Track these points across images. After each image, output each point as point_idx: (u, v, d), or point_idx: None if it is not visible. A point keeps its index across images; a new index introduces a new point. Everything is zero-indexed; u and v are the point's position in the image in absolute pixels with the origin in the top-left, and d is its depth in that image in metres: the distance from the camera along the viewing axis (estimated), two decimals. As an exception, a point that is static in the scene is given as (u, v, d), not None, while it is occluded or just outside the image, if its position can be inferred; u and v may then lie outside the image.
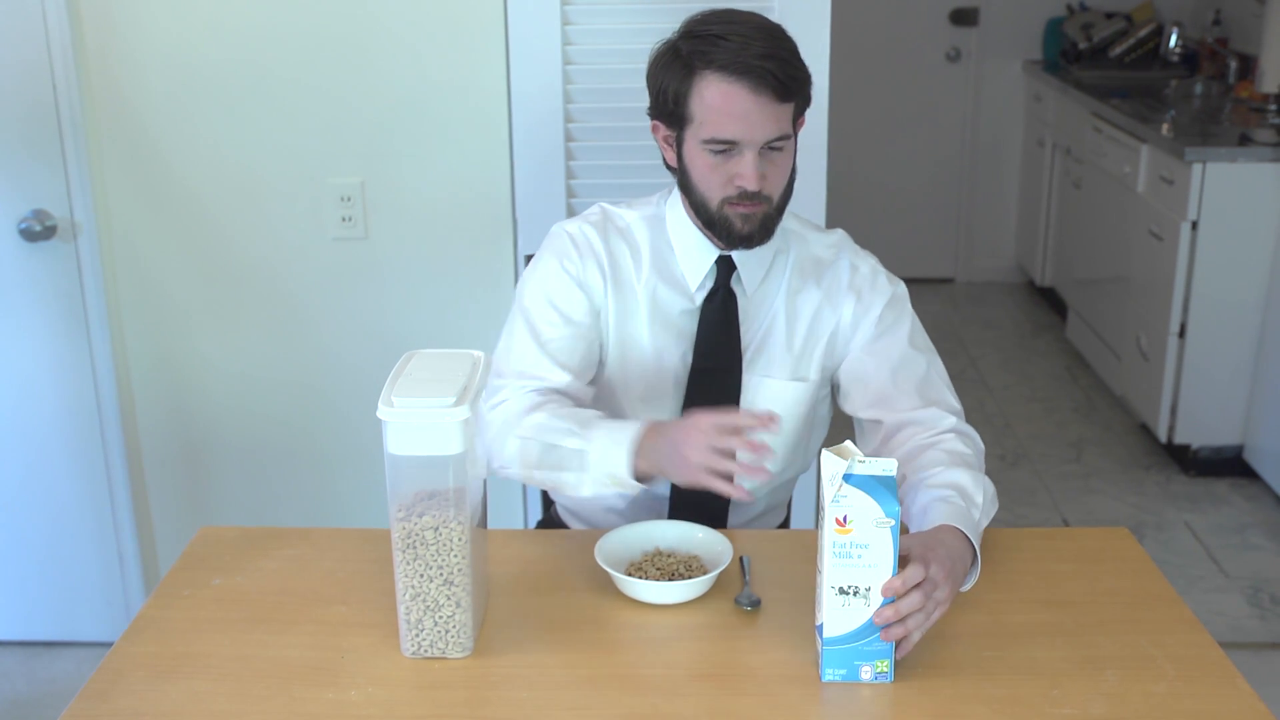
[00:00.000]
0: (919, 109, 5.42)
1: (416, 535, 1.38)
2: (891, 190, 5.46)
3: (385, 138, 2.54)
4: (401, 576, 1.40)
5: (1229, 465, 3.72)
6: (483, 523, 1.50)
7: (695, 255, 1.75)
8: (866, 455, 1.35)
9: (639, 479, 1.58)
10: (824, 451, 1.37)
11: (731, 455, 1.47)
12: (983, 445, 1.73)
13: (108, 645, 1.50)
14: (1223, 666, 1.41)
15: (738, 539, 1.62)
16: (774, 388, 1.77)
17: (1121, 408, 4.21)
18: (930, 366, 1.76)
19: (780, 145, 1.64)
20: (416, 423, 1.35)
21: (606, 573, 1.54)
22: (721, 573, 1.55)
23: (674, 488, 1.78)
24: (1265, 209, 3.50)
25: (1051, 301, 5.19)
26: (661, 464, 1.55)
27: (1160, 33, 5.01)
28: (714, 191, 1.66)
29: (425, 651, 1.43)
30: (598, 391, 1.81)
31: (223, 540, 1.71)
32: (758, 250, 1.73)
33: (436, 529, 1.38)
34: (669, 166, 1.74)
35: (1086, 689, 1.37)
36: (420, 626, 1.41)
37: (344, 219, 2.58)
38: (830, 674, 1.38)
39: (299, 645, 1.46)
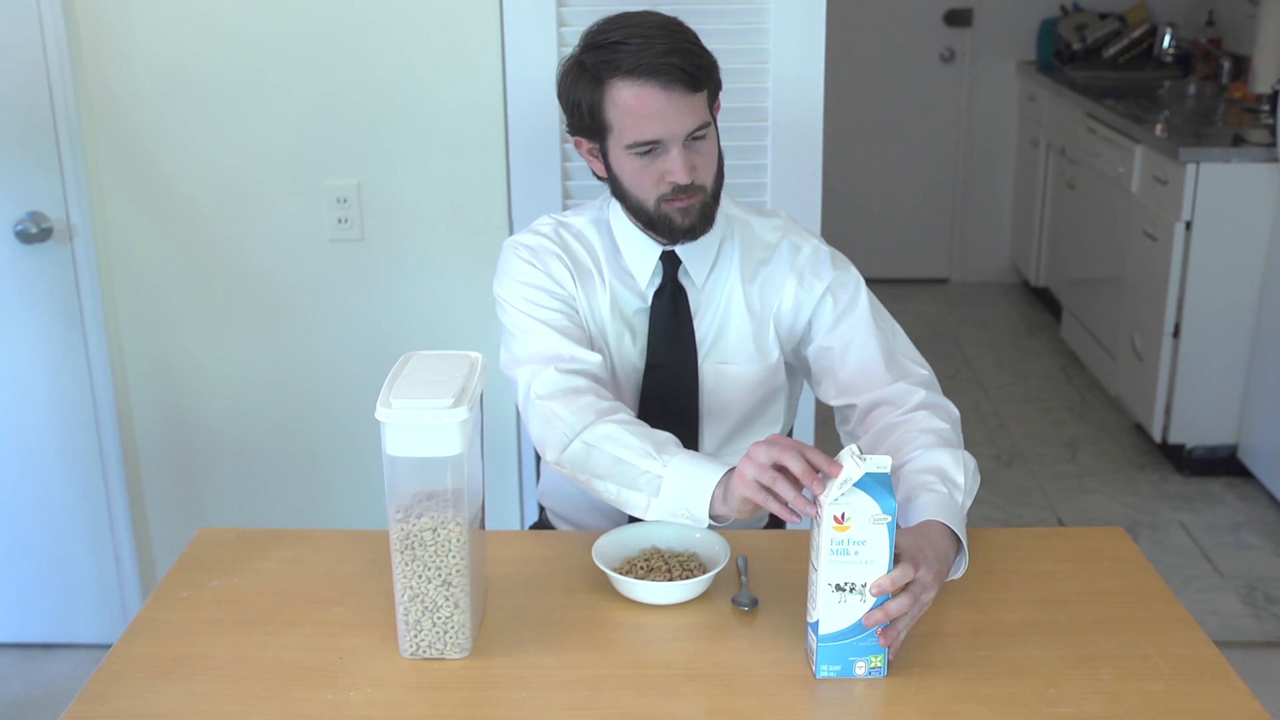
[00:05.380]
0: (913, 110, 5.43)
1: (415, 536, 1.38)
2: (886, 191, 5.47)
3: (381, 140, 2.55)
4: (400, 577, 1.40)
5: (1223, 465, 3.73)
6: (481, 523, 1.51)
7: (641, 254, 1.77)
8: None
9: (713, 518, 1.55)
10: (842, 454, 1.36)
11: (792, 478, 1.41)
12: (957, 413, 1.71)
13: (105, 647, 1.50)
14: (1218, 665, 1.42)
15: (735, 539, 1.62)
16: (731, 372, 1.80)
17: (1116, 408, 4.22)
18: (891, 341, 1.76)
19: (702, 134, 1.66)
20: (415, 424, 1.35)
21: (604, 573, 1.54)
22: (719, 572, 1.55)
23: None
24: (1258, 209, 3.51)
25: (1046, 302, 5.20)
26: (732, 502, 1.51)
27: (1154, 33, 5.02)
28: (647, 192, 1.68)
29: (424, 652, 1.43)
30: None
31: (221, 542, 1.71)
32: (702, 241, 1.75)
33: (435, 530, 1.38)
34: (599, 178, 1.76)
35: (1082, 688, 1.38)
36: (419, 627, 1.42)
37: (340, 221, 2.58)
38: (825, 670, 1.38)
39: (297, 646, 1.46)
